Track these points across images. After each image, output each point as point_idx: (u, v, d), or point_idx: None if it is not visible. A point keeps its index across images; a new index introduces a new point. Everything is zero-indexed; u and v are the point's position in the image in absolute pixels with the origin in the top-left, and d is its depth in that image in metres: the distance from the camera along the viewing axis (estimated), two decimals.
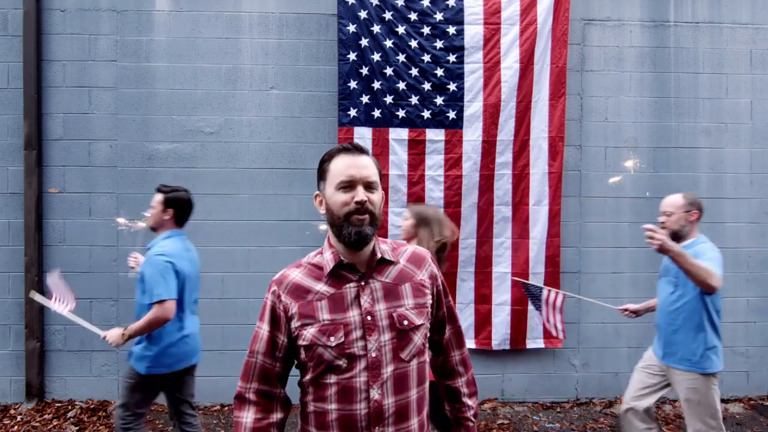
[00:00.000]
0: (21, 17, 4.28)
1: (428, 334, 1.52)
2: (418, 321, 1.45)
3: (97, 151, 4.39)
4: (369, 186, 1.42)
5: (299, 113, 4.47)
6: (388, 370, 1.40)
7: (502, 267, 4.43)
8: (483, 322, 4.42)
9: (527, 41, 4.37)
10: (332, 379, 1.39)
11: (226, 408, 4.37)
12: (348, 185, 1.41)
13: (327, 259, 1.48)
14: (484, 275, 4.43)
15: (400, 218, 4.40)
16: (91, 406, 4.27)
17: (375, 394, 1.38)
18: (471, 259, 4.44)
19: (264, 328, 1.49)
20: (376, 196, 1.43)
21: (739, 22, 4.64)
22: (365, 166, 1.42)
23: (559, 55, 4.40)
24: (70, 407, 4.26)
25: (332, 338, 1.39)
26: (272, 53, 4.45)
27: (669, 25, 4.61)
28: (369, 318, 1.41)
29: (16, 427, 3.99)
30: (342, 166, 1.42)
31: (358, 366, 1.38)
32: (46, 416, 4.12)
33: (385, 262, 1.49)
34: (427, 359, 1.52)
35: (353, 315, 1.41)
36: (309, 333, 1.40)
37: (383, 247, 1.52)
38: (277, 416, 1.50)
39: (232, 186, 4.44)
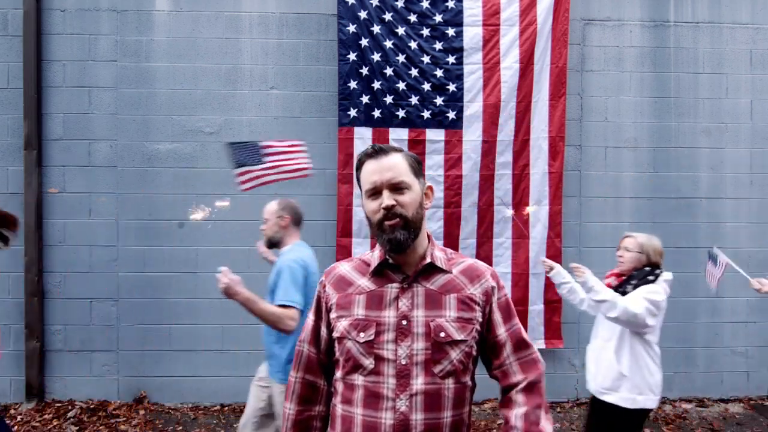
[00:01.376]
0: (21, 17, 4.28)
1: (474, 355, 1.41)
2: (457, 336, 1.35)
3: (97, 151, 4.39)
4: (396, 187, 1.36)
5: (299, 113, 4.46)
6: (418, 382, 1.32)
7: (502, 267, 4.44)
8: None
9: (527, 42, 4.38)
10: (359, 380, 1.35)
11: (226, 408, 4.37)
12: (374, 192, 1.38)
13: (375, 256, 1.45)
14: None
15: None
16: (91, 406, 4.27)
17: (402, 405, 1.31)
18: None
19: (311, 318, 1.50)
20: (407, 197, 1.36)
21: (739, 22, 4.64)
22: (389, 168, 1.37)
23: (559, 55, 4.41)
24: (70, 407, 4.26)
25: (362, 334, 1.35)
26: (272, 53, 4.45)
27: (669, 25, 4.61)
28: (404, 322, 1.35)
29: (16, 427, 3.99)
30: (367, 173, 1.39)
31: (385, 370, 1.33)
32: (46, 416, 4.12)
33: (434, 269, 1.42)
34: (470, 384, 1.40)
35: (389, 315, 1.36)
36: (341, 325, 1.39)
37: (437, 254, 1.45)
38: (319, 408, 1.49)
39: (232, 186, 4.43)
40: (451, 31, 4.38)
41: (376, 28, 4.35)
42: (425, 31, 4.38)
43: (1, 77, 4.35)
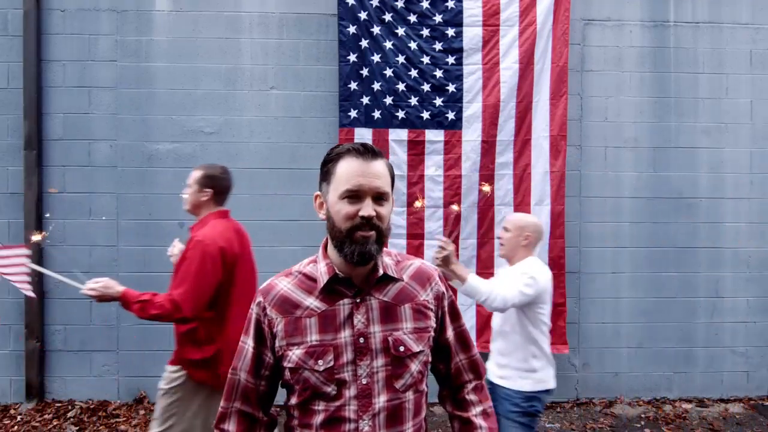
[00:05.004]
0: (21, 17, 4.28)
1: (428, 362, 1.37)
2: (416, 347, 1.30)
3: (97, 151, 4.39)
4: (379, 198, 1.25)
5: (299, 113, 4.47)
6: (380, 401, 1.26)
7: (503, 268, 4.42)
8: (484, 324, 4.42)
9: (527, 42, 4.38)
10: (320, 405, 1.26)
11: None
12: (354, 195, 1.23)
13: (321, 270, 1.32)
14: (485, 276, 4.40)
15: (399, 218, 4.40)
16: (91, 406, 4.27)
17: (365, 426, 1.25)
18: (472, 260, 4.44)
19: (248, 344, 1.34)
20: (385, 209, 1.26)
21: (739, 22, 4.64)
22: (377, 176, 1.24)
23: (559, 55, 4.40)
24: (70, 407, 4.26)
25: (320, 362, 1.25)
26: (272, 53, 4.45)
27: (669, 25, 4.61)
28: (361, 340, 1.27)
29: (16, 427, 3.99)
30: (350, 172, 1.24)
31: (347, 393, 1.25)
32: (46, 416, 4.13)
33: (386, 278, 1.33)
34: (426, 389, 1.37)
35: (344, 336, 1.27)
36: (295, 354, 1.27)
37: (386, 261, 1.35)
38: None
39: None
40: (450, 32, 4.38)
41: (376, 29, 4.35)
42: (425, 32, 4.38)
43: (1, 77, 4.35)
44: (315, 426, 1.27)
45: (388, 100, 4.36)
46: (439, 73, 4.38)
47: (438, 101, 4.38)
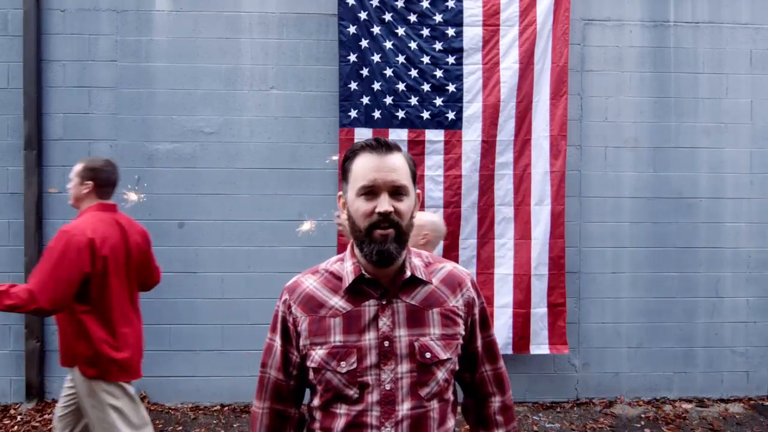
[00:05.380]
0: (21, 17, 4.28)
1: (455, 370, 1.31)
2: (443, 355, 1.25)
3: (97, 151, 4.39)
4: (396, 192, 1.21)
5: (299, 113, 4.47)
6: (404, 408, 1.22)
7: (504, 269, 4.42)
8: None
9: (527, 42, 4.38)
10: (342, 409, 1.23)
11: (226, 408, 4.37)
12: (370, 191, 1.20)
13: (347, 270, 1.28)
14: (485, 277, 4.43)
15: None
16: None
17: None
18: (472, 260, 4.43)
19: (276, 341, 1.33)
20: (405, 204, 1.21)
21: (739, 22, 4.64)
22: (393, 169, 1.21)
23: (560, 55, 4.40)
24: None
25: (343, 363, 1.22)
26: (272, 53, 4.45)
27: (669, 25, 4.61)
28: (386, 344, 1.23)
29: (16, 427, 3.99)
30: (365, 168, 1.21)
31: (369, 398, 1.21)
32: (46, 416, 4.12)
33: (414, 281, 1.29)
34: (452, 398, 1.32)
35: (369, 338, 1.23)
36: (318, 354, 1.24)
37: (415, 262, 1.31)
38: None
39: (232, 186, 4.44)
40: (450, 32, 4.38)
41: (376, 29, 4.35)
42: (425, 32, 4.39)
43: (1, 77, 4.35)
44: (336, 430, 1.23)
45: (388, 100, 4.36)
46: (439, 73, 4.38)
47: (438, 101, 4.38)
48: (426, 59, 4.38)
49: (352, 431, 1.22)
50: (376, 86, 4.36)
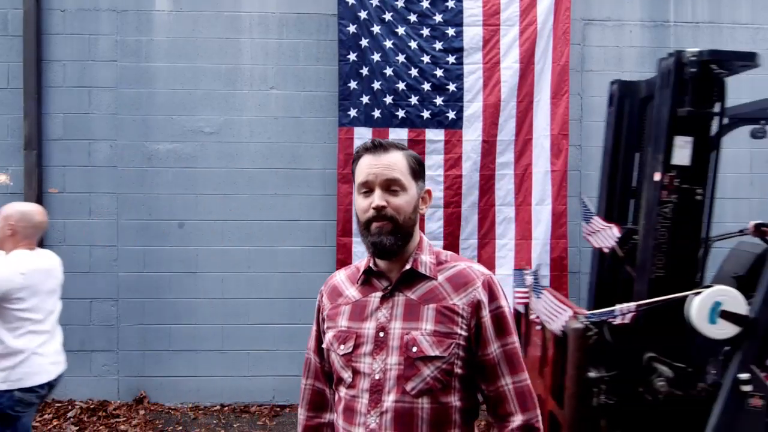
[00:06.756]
0: (21, 17, 4.28)
1: (460, 373, 1.27)
2: (431, 351, 1.24)
3: (97, 151, 4.39)
4: (390, 187, 1.27)
5: (299, 113, 4.46)
6: (389, 399, 1.24)
7: (505, 269, 4.41)
8: None
9: (527, 41, 4.38)
10: (341, 392, 1.32)
11: (226, 408, 4.36)
12: (368, 189, 1.29)
13: (363, 263, 1.38)
14: None
15: None
16: (91, 406, 4.26)
17: (372, 422, 1.24)
18: (473, 260, 4.43)
19: (313, 327, 1.47)
20: (400, 199, 1.27)
21: (739, 22, 4.64)
22: (387, 166, 1.27)
23: (560, 54, 4.40)
24: (70, 407, 4.26)
25: (342, 346, 1.30)
26: (272, 53, 4.45)
27: (669, 25, 4.61)
28: (381, 334, 1.28)
29: None
30: (361, 168, 1.30)
31: (361, 384, 1.27)
32: (46, 416, 4.12)
33: (417, 276, 1.31)
34: (455, 404, 1.27)
35: (368, 327, 1.29)
36: (327, 336, 1.36)
37: (423, 259, 1.33)
38: (329, 416, 1.45)
39: (232, 186, 4.44)
40: (451, 31, 4.38)
41: (376, 28, 4.35)
42: (425, 31, 4.39)
43: (1, 77, 4.35)
44: (338, 412, 1.34)
45: (388, 100, 4.36)
46: (439, 73, 4.38)
47: (438, 101, 4.38)
48: (426, 59, 4.38)
49: (347, 414, 1.29)
50: (376, 85, 4.36)
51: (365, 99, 4.35)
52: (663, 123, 2.69)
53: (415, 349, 1.25)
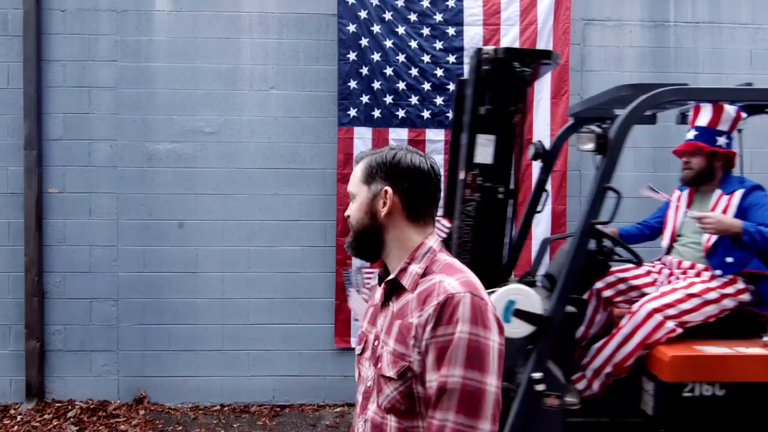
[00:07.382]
0: (21, 17, 4.28)
1: (409, 394, 1.13)
2: (387, 371, 1.15)
3: (97, 151, 4.39)
4: (351, 199, 1.34)
5: (299, 113, 4.46)
6: (371, 409, 1.20)
7: None
8: None
9: (527, 41, 4.38)
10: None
11: (227, 408, 4.37)
12: None
13: None
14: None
15: None
16: (91, 406, 4.27)
17: (361, 426, 1.24)
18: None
19: None
20: (352, 207, 1.32)
21: (739, 22, 4.64)
22: (351, 179, 1.36)
23: (560, 54, 4.40)
24: (70, 407, 4.26)
25: (357, 346, 1.36)
26: (272, 53, 4.45)
27: (669, 25, 4.61)
28: (376, 342, 1.25)
29: (16, 427, 3.99)
30: None
31: (360, 387, 1.30)
32: (46, 416, 4.12)
33: (401, 286, 1.22)
34: (422, 427, 1.13)
35: (372, 332, 1.29)
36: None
37: (412, 268, 1.22)
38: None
39: (232, 186, 4.44)
40: (451, 31, 4.38)
41: (376, 28, 4.35)
42: (425, 31, 4.39)
43: (1, 77, 4.35)
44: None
45: (388, 99, 4.36)
46: (439, 72, 4.38)
47: (438, 100, 4.38)
48: (426, 58, 4.38)
49: (359, 411, 1.30)
50: (376, 85, 4.36)
51: (365, 99, 4.35)
52: (467, 121, 2.66)
53: (379, 365, 1.19)
